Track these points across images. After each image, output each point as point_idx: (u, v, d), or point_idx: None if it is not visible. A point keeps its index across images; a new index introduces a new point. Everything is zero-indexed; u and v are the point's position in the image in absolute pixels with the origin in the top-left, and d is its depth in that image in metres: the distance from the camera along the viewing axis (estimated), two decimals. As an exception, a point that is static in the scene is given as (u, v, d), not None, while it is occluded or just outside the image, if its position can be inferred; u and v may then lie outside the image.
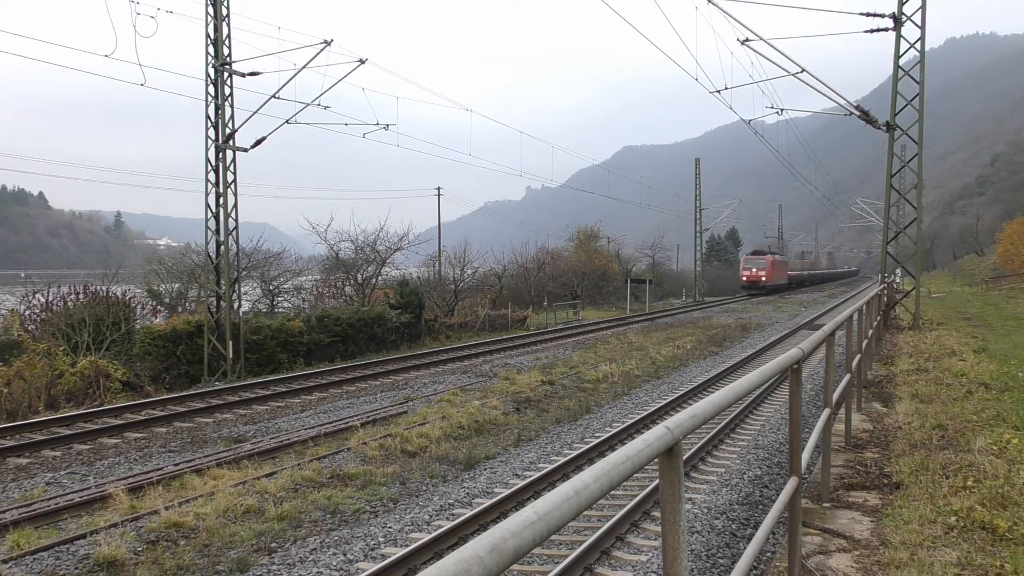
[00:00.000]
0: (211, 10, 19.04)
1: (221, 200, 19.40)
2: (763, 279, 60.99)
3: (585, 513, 7.84)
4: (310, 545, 7.35)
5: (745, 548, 4.42)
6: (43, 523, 7.96)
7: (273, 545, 7.37)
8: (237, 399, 15.28)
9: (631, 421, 12.27)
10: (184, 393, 16.19)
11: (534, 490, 8.78)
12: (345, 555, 7.04)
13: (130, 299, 23.11)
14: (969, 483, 6.22)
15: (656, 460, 1.98)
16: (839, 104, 22.73)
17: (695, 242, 69.92)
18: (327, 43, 19.14)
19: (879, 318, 17.30)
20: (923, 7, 21.84)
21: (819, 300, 53.06)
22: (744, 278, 62.18)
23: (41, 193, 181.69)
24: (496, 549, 1.20)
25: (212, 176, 19.34)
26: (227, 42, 19.19)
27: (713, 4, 19.38)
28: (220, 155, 19.30)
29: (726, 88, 23.37)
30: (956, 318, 26.85)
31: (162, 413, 13.89)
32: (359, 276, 32.92)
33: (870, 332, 12.21)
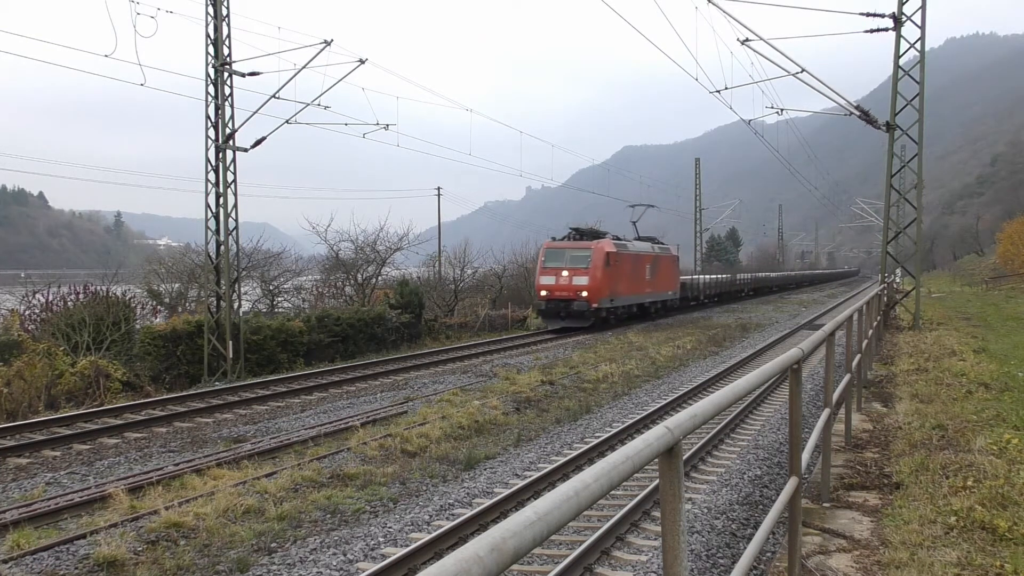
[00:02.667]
0: (211, 10, 19.04)
1: (221, 200, 19.40)
2: (582, 294, 28.14)
3: (585, 513, 7.84)
4: (310, 545, 7.35)
5: (745, 548, 4.42)
6: (43, 523, 7.96)
7: (273, 545, 7.37)
8: (237, 399, 15.27)
9: (631, 421, 12.26)
10: (184, 393, 16.19)
11: (534, 490, 8.78)
12: (345, 555, 7.04)
13: (130, 299, 23.11)
14: (969, 483, 6.22)
15: (656, 460, 1.98)
16: (839, 104, 22.74)
17: (695, 242, 70.03)
18: (327, 43, 19.15)
19: (879, 318, 17.30)
20: (923, 7, 21.85)
21: (819, 300, 53.06)
22: (542, 292, 29.01)
23: (41, 193, 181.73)
24: (496, 549, 1.20)
25: (212, 176, 19.34)
26: (227, 42, 19.19)
27: (713, 4, 19.39)
28: (220, 155, 19.31)
29: (726, 88, 23.37)
30: (956, 318, 26.85)
31: (162, 413, 13.88)
32: (359, 276, 32.91)
33: (870, 332, 12.21)
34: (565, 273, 28.39)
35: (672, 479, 2.04)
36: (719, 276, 52.46)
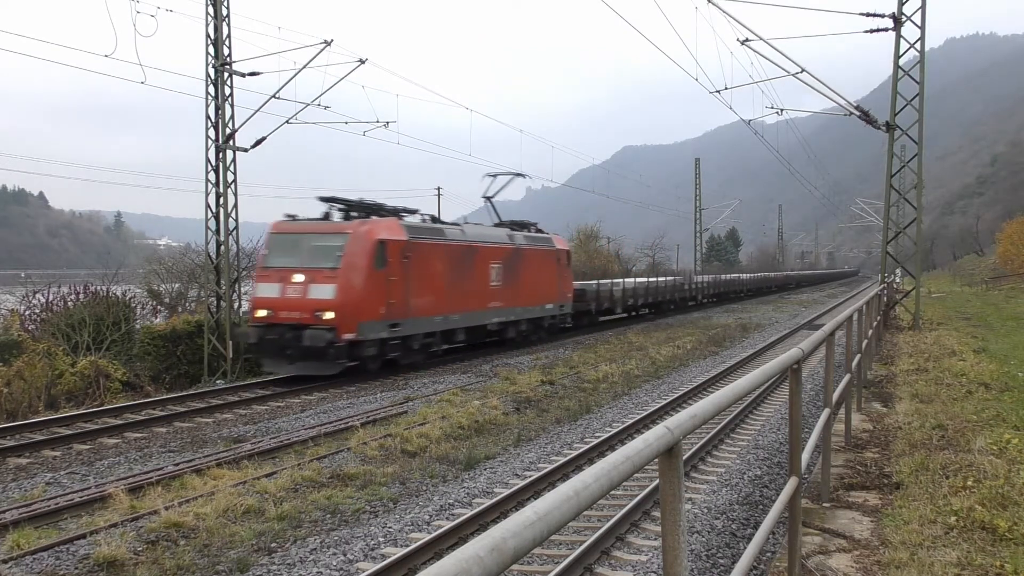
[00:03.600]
0: (211, 10, 19.05)
1: (221, 200, 19.42)
2: (324, 315, 16.06)
3: (585, 513, 7.83)
4: (310, 545, 7.35)
5: (745, 548, 4.42)
6: (43, 523, 7.96)
7: (273, 545, 7.37)
8: (237, 399, 15.27)
9: (631, 421, 12.27)
10: (184, 393, 16.19)
11: (534, 490, 8.78)
12: (345, 555, 7.04)
13: (130, 299, 23.12)
14: (969, 483, 6.23)
15: (656, 460, 1.98)
16: (839, 104, 22.75)
17: (695, 242, 70.08)
18: (327, 43, 19.16)
19: (879, 318, 17.32)
20: (923, 7, 21.86)
21: (819, 300, 53.07)
22: (258, 312, 16.79)
23: (41, 193, 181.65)
24: (496, 549, 1.20)
25: (212, 176, 19.36)
26: (227, 42, 19.20)
27: (713, 4, 19.40)
28: (220, 155, 19.32)
29: (726, 88, 23.38)
30: (956, 318, 26.86)
31: (162, 413, 13.88)
32: (359, 276, 32.83)
33: (870, 332, 12.22)
34: (298, 278, 16.56)
35: (672, 479, 2.04)
36: (654, 280, 38.55)
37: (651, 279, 39.03)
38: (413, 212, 19.81)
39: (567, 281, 26.80)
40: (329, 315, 16.09)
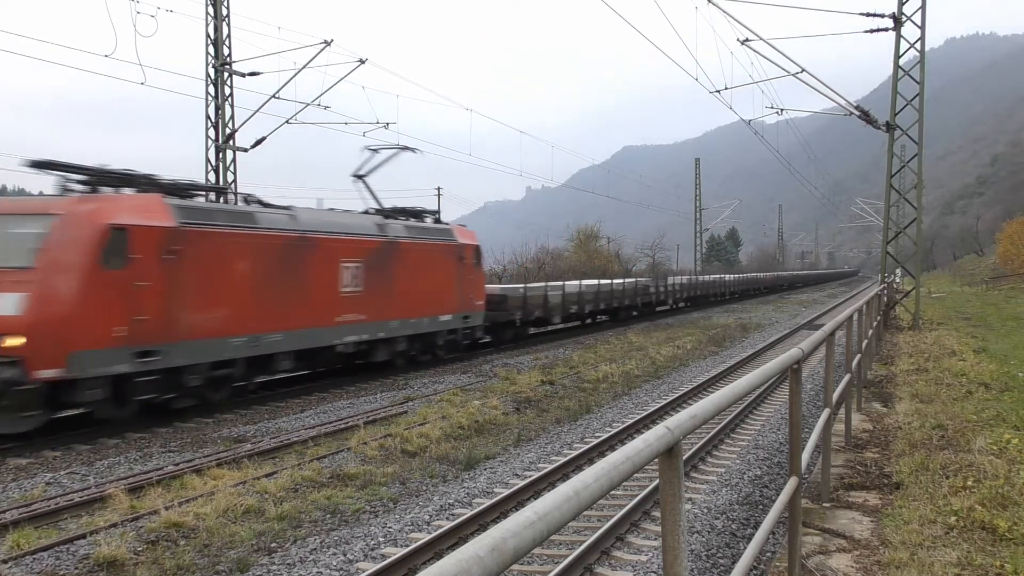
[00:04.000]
0: (211, 10, 19.06)
1: (221, 201, 19.41)
2: (2, 341, 10.38)
3: (585, 513, 7.84)
4: (310, 545, 7.35)
5: (745, 548, 4.43)
6: (43, 523, 7.96)
7: (273, 545, 7.37)
8: (237, 398, 15.26)
9: (631, 421, 12.27)
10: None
11: (534, 490, 8.78)
12: (345, 555, 7.04)
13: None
14: (969, 483, 6.23)
15: (656, 460, 1.98)
16: (839, 104, 22.77)
17: (695, 242, 70.12)
18: (327, 43, 19.17)
19: (879, 318, 17.32)
20: (923, 7, 21.87)
21: (819, 300, 53.07)
22: None
23: (41, 193, 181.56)
24: (496, 549, 1.20)
25: (212, 176, 19.36)
26: (227, 42, 19.22)
27: (713, 4, 19.40)
28: (220, 155, 19.32)
29: (726, 88, 23.40)
30: (956, 318, 26.88)
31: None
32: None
33: (870, 332, 12.22)
34: None
35: (672, 479, 2.04)
36: (608, 282, 32.55)
37: (603, 281, 32.94)
38: (222, 191, 14.20)
39: (475, 285, 21.09)
40: (15, 341, 10.64)
